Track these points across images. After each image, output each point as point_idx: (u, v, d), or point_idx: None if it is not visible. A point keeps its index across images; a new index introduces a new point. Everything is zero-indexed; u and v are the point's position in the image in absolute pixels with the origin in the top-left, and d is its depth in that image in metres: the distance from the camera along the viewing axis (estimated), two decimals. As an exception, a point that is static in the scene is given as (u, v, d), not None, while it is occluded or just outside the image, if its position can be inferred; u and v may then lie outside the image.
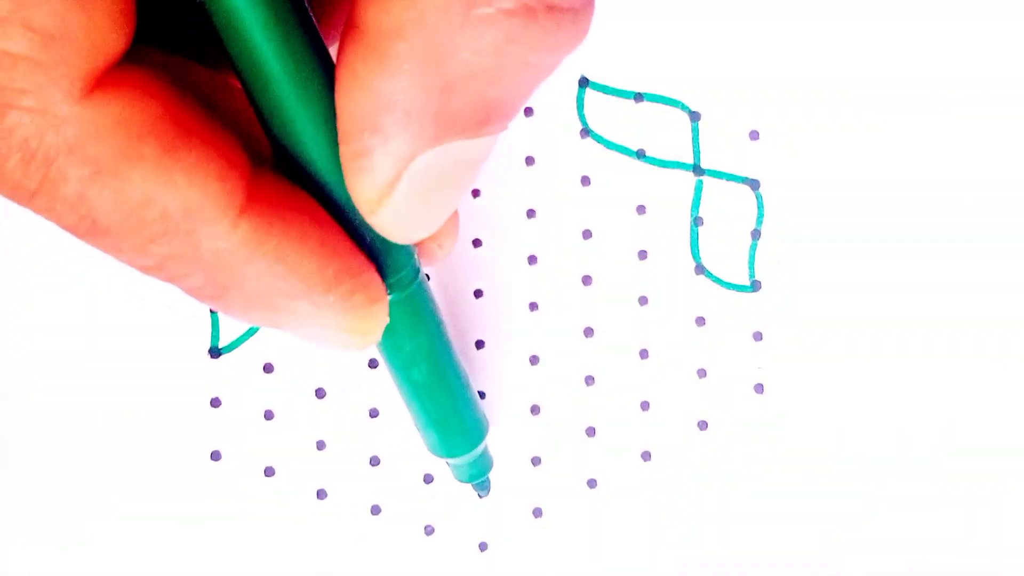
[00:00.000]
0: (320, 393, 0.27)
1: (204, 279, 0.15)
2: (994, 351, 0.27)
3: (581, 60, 0.27)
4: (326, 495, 0.27)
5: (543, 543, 0.27)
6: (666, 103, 0.27)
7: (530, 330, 0.27)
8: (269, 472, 0.27)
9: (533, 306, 0.27)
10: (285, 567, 0.26)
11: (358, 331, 0.17)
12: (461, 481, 0.26)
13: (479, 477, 0.25)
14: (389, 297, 0.17)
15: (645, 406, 0.27)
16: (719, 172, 0.27)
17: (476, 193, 0.27)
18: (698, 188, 0.27)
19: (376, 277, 0.17)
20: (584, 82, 0.27)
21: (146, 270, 0.15)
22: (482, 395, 0.27)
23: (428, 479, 0.27)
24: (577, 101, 0.27)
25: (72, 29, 0.13)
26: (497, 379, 0.27)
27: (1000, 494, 0.27)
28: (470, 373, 0.24)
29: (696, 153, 0.27)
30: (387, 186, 0.15)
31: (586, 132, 0.27)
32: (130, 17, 0.13)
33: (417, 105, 0.14)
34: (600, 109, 0.27)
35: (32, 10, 0.12)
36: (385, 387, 0.27)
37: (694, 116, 0.27)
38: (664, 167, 0.27)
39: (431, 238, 0.19)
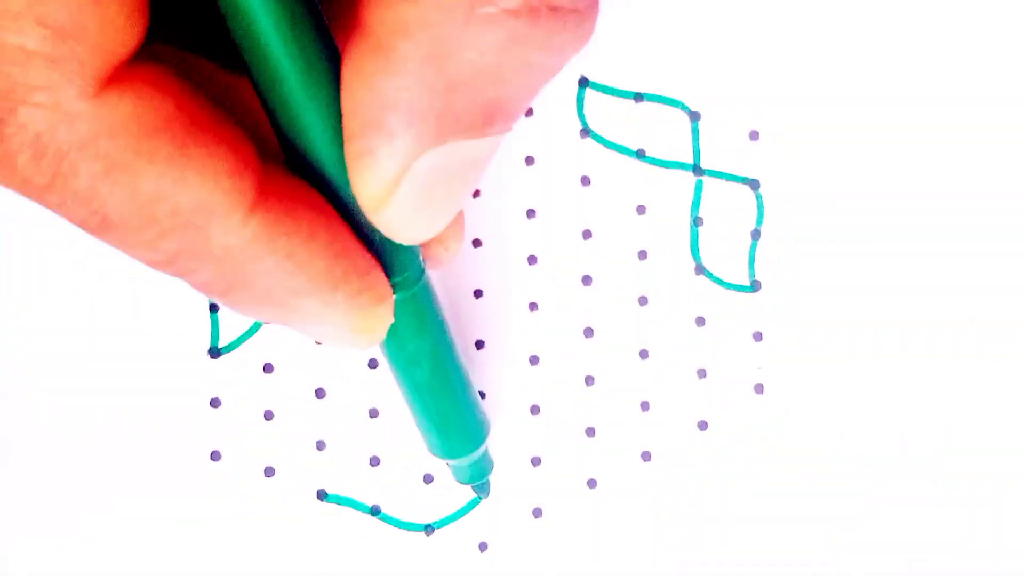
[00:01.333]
0: (320, 393, 0.27)
1: (214, 274, 0.15)
2: (994, 351, 0.27)
3: (581, 60, 0.27)
4: (326, 495, 0.27)
5: (543, 543, 0.27)
6: (666, 103, 0.27)
7: (530, 330, 0.27)
8: (269, 472, 0.27)
9: (533, 306, 0.27)
10: (285, 567, 0.26)
11: (363, 330, 0.17)
12: (461, 483, 0.26)
13: (479, 479, 0.25)
14: (394, 297, 0.17)
15: (645, 406, 0.27)
16: (719, 172, 0.27)
17: (476, 193, 0.27)
18: (698, 188, 0.27)
19: (382, 276, 0.17)
20: (584, 82, 0.27)
21: (156, 265, 0.15)
22: (482, 395, 0.27)
23: (428, 479, 0.27)
24: (577, 101, 0.27)
25: (85, 25, 0.13)
26: (497, 379, 0.27)
27: (1000, 494, 0.27)
28: (470, 373, 0.24)
29: (696, 153, 0.27)
30: (390, 185, 0.15)
31: (586, 132, 0.27)
32: (143, 14, 0.13)
33: (421, 104, 0.14)
34: (600, 109, 0.27)
35: (46, 6, 0.12)
36: (385, 387, 0.27)
37: (694, 116, 0.27)
38: (664, 167, 0.27)
39: (436, 240, 0.19)
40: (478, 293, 0.27)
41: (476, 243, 0.27)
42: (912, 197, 0.27)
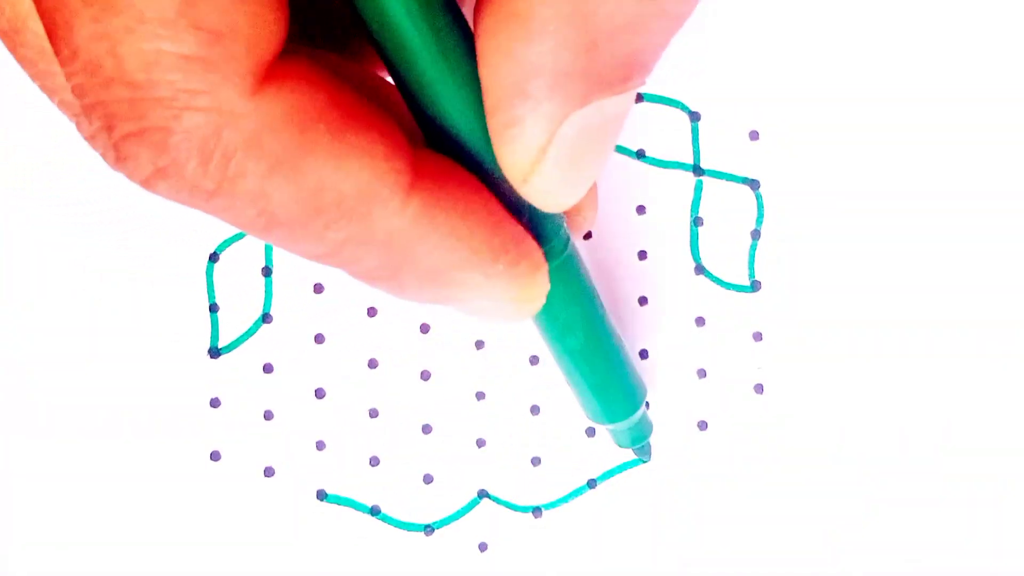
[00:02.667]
0: (320, 393, 0.27)
1: (379, 259, 0.15)
2: (994, 351, 0.27)
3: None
4: (326, 495, 0.27)
5: (543, 543, 0.27)
6: (666, 103, 0.27)
7: (530, 330, 0.27)
8: (269, 472, 0.27)
9: (533, 306, 0.27)
10: (285, 567, 0.26)
11: (524, 299, 0.17)
12: (622, 446, 0.26)
13: (640, 441, 0.25)
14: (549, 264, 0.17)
15: (645, 406, 0.27)
16: (719, 172, 0.27)
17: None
18: (698, 188, 0.27)
19: (535, 245, 0.17)
20: (584, 82, 0.27)
21: (320, 258, 0.15)
22: (481, 395, 0.27)
23: (428, 479, 0.27)
24: (577, 101, 0.27)
25: (237, 25, 0.13)
26: (497, 379, 0.27)
27: (1000, 494, 0.27)
28: (471, 373, 0.24)
29: (696, 153, 0.27)
30: (538, 153, 0.15)
31: (586, 132, 0.27)
32: (285, 10, 0.14)
33: (565, 66, 0.14)
34: (600, 109, 0.27)
35: (198, 9, 0.12)
36: (385, 387, 0.27)
37: (694, 116, 0.27)
38: (664, 167, 0.27)
39: (575, 208, 0.19)
40: (478, 293, 0.27)
41: (476, 243, 0.27)
42: (912, 197, 0.27)
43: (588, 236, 0.27)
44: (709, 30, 0.27)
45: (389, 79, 0.16)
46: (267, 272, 0.27)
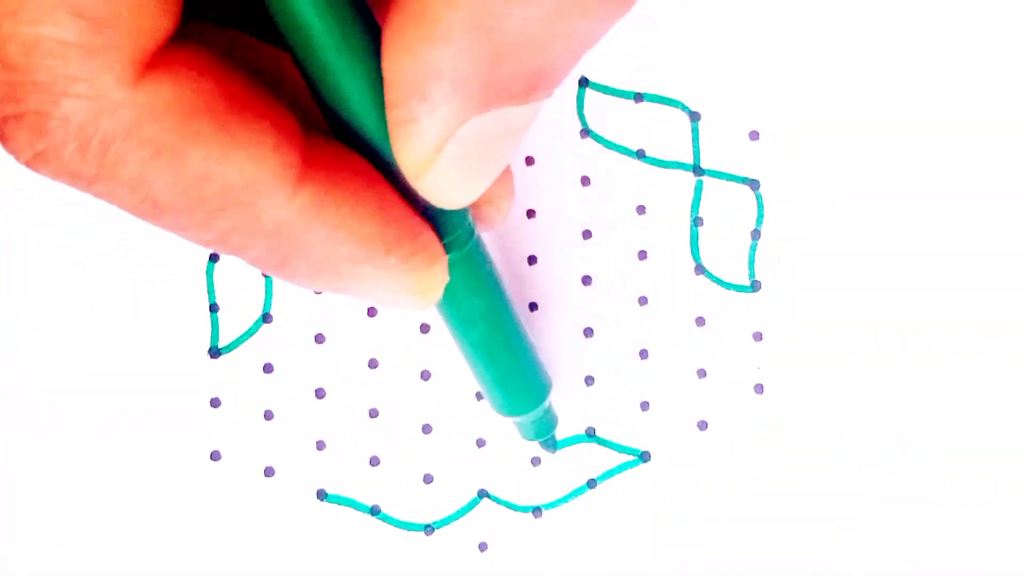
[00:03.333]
0: (320, 393, 0.27)
1: (267, 249, 0.15)
2: (994, 351, 0.27)
3: (581, 60, 0.27)
4: (326, 495, 0.27)
5: (543, 543, 0.27)
6: (666, 103, 0.27)
7: (530, 330, 0.27)
8: (269, 472, 0.27)
9: (533, 306, 0.27)
10: (285, 567, 0.26)
11: (419, 291, 0.17)
12: (527, 439, 0.26)
13: (544, 435, 0.25)
14: (447, 257, 0.18)
15: (645, 406, 0.27)
16: (719, 172, 0.27)
17: (476, 193, 0.27)
18: (698, 188, 0.27)
19: (434, 237, 0.17)
20: (584, 82, 0.27)
21: (209, 244, 0.15)
22: (481, 396, 0.27)
23: (428, 479, 0.27)
24: (577, 101, 0.27)
25: (120, 13, 0.13)
26: (497, 379, 0.27)
27: (1000, 494, 0.27)
28: (470, 373, 0.24)
29: (696, 153, 0.27)
30: (432, 152, 0.15)
31: (586, 132, 0.27)
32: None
33: (465, 74, 0.14)
34: (600, 109, 0.27)
35: None
36: (385, 387, 0.27)
37: (694, 116, 0.27)
38: (664, 167, 0.27)
39: (485, 200, 0.19)
40: (478, 293, 0.27)
41: (476, 243, 0.27)
42: (912, 197, 0.27)
43: (588, 235, 0.27)
44: (709, 30, 0.27)
45: None
46: (267, 272, 0.27)
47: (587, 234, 0.27)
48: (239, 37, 0.17)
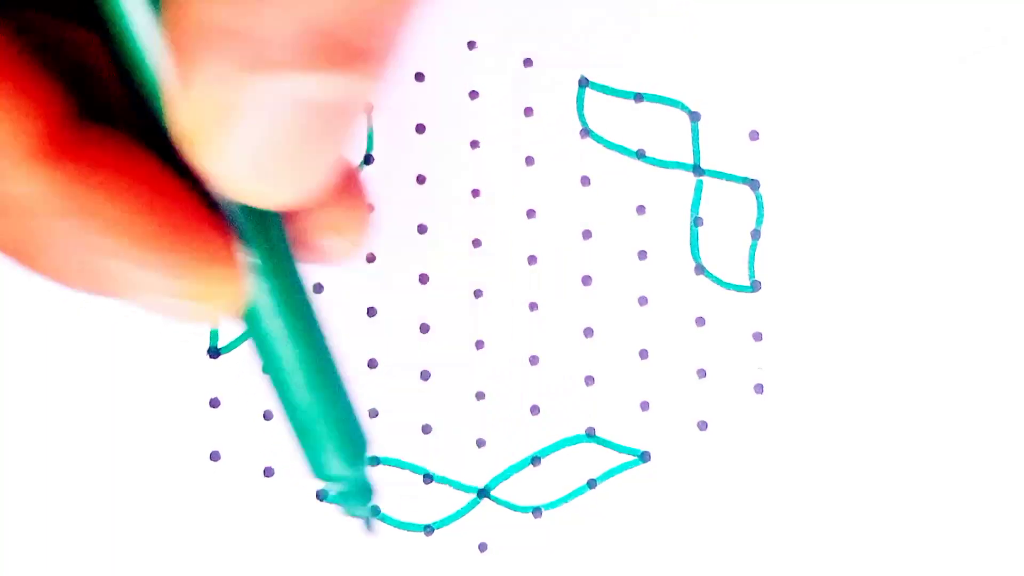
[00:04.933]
0: (320, 393, 0.27)
1: (8, 228, 0.14)
2: (994, 351, 0.27)
3: (581, 60, 0.27)
4: (325, 495, 0.27)
5: (543, 543, 0.27)
6: (666, 103, 0.27)
7: (530, 330, 0.27)
8: (269, 472, 0.27)
9: (533, 306, 0.27)
10: (285, 567, 0.26)
11: (194, 296, 0.15)
12: (346, 513, 0.20)
13: (356, 504, 0.20)
14: (246, 267, 0.16)
15: (645, 406, 0.27)
16: (719, 172, 0.27)
17: (476, 193, 0.27)
18: (698, 188, 0.27)
19: (221, 244, 0.15)
20: (584, 82, 0.27)
21: None
22: (481, 395, 0.27)
23: (428, 479, 0.27)
24: (577, 101, 0.27)
25: None
26: (497, 379, 0.27)
27: (1000, 494, 0.27)
28: (471, 373, 0.24)
29: (696, 153, 0.27)
30: (210, 123, 0.13)
31: (586, 132, 0.27)
32: None
33: (230, 24, 0.12)
34: (600, 109, 0.27)
35: None
36: (385, 387, 0.27)
37: (694, 116, 0.27)
38: (664, 167, 0.27)
39: (333, 227, 0.17)
40: (478, 293, 0.27)
41: (476, 243, 0.27)
42: (912, 197, 0.27)
43: (588, 235, 0.27)
44: (709, 30, 0.27)
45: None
46: (267, 272, 0.27)
47: (587, 234, 0.27)
48: (42, 18, 0.16)
